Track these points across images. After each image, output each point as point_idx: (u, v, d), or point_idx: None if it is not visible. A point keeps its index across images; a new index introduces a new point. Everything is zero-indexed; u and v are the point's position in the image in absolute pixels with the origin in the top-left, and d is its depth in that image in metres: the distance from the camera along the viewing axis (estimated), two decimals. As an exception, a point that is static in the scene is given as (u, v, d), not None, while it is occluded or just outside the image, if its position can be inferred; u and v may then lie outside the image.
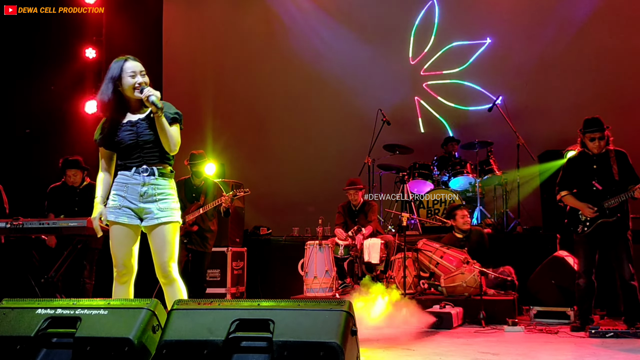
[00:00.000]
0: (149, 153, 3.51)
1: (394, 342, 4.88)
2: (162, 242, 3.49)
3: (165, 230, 3.49)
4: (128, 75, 3.50)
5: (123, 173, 3.54)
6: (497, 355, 4.20)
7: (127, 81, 3.50)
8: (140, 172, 3.49)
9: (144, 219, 3.51)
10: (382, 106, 8.80)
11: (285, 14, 10.26)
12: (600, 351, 4.34)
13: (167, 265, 3.49)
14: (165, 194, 3.54)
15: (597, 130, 5.25)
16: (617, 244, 5.22)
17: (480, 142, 8.19)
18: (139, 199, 3.49)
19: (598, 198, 5.24)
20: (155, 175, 3.51)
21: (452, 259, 6.42)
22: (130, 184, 3.50)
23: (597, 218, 5.20)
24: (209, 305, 2.88)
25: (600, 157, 5.31)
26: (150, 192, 3.49)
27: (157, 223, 3.49)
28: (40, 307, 2.97)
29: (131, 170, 3.50)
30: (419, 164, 8.42)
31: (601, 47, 8.94)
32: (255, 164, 9.88)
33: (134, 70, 3.51)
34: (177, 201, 3.62)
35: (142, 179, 3.49)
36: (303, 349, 2.61)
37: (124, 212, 3.50)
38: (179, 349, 2.73)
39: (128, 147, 3.50)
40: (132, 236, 3.52)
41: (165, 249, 3.49)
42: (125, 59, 3.56)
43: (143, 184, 3.49)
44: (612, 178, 5.24)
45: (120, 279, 3.55)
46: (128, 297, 3.55)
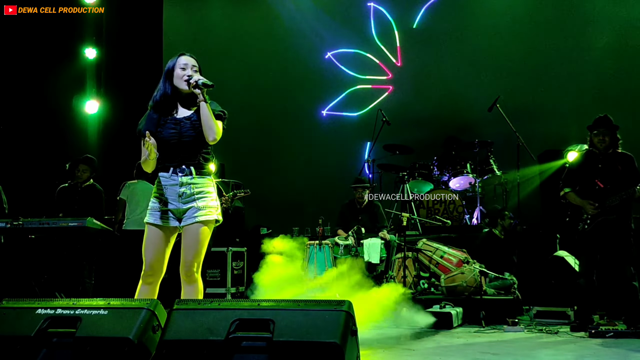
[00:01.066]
0: (189, 152, 3.51)
1: (394, 342, 4.88)
2: (192, 241, 3.46)
3: (198, 229, 3.46)
4: (180, 67, 3.55)
5: (162, 175, 3.53)
6: (497, 355, 4.20)
7: (177, 73, 3.54)
8: (177, 173, 3.49)
9: (182, 219, 3.50)
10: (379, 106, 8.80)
11: (286, 14, 10.26)
12: (600, 351, 4.34)
13: (191, 264, 3.46)
14: (203, 192, 3.52)
15: (602, 126, 5.29)
16: (618, 244, 5.22)
17: (480, 142, 8.19)
18: (178, 200, 3.48)
19: (600, 196, 5.24)
20: (193, 175, 3.50)
21: (452, 259, 6.42)
22: (168, 186, 3.50)
23: (598, 215, 5.20)
24: (209, 305, 2.88)
25: (607, 157, 5.33)
26: (188, 192, 3.48)
27: (193, 222, 3.46)
28: (40, 307, 2.97)
29: (169, 171, 3.50)
30: (419, 164, 8.43)
31: (601, 47, 8.95)
32: (256, 164, 9.88)
33: (186, 63, 3.56)
34: (216, 199, 3.59)
35: (180, 179, 3.48)
36: (303, 349, 2.62)
37: (163, 214, 3.49)
38: (179, 348, 2.73)
39: (168, 145, 3.49)
40: (165, 239, 3.51)
41: (193, 247, 3.46)
42: (181, 53, 3.62)
43: (181, 185, 3.48)
44: (616, 178, 5.25)
45: (146, 279, 3.51)
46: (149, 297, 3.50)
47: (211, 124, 3.47)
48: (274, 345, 2.65)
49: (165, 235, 3.50)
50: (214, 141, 3.51)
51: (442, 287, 6.28)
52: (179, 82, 3.53)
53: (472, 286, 6.09)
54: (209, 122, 3.47)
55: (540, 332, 5.32)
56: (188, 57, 3.61)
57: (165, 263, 3.54)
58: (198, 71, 3.60)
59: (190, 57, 3.62)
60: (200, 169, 3.53)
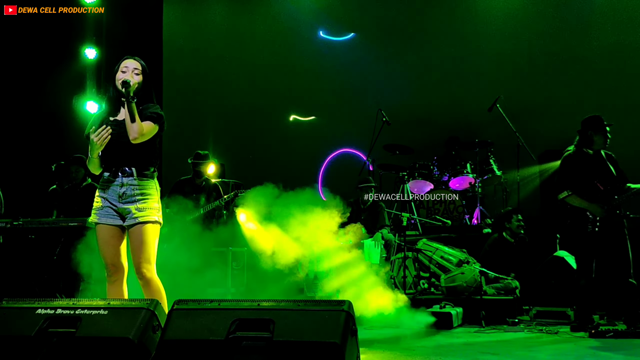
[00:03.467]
0: (130, 153, 3.54)
1: (394, 342, 4.88)
2: (138, 243, 3.51)
3: (141, 230, 3.51)
4: (120, 70, 3.59)
5: (104, 173, 3.59)
6: (497, 355, 4.20)
7: (117, 76, 3.58)
8: (119, 173, 3.53)
9: (125, 219, 3.55)
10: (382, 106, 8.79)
11: (286, 14, 10.26)
12: (600, 351, 4.34)
13: (140, 266, 3.51)
14: (145, 194, 3.56)
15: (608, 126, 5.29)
16: (617, 243, 5.22)
17: (480, 142, 8.19)
18: (118, 200, 3.53)
19: (602, 197, 5.24)
20: (134, 176, 3.54)
21: (452, 259, 6.42)
22: (111, 185, 3.54)
23: (606, 217, 5.20)
24: (209, 305, 2.88)
25: (598, 157, 5.32)
26: (129, 193, 3.53)
27: (134, 223, 3.51)
28: (40, 307, 2.98)
29: (111, 171, 3.56)
30: (419, 164, 8.42)
31: (602, 47, 8.95)
32: (256, 164, 9.88)
33: (127, 66, 3.59)
34: (157, 201, 3.63)
35: (121, 179, 3.53)
36: (303, 349, 2.62)
37: (107, 213, 3.55)
38: (179, 348, 2.73)
39: (110, 147, 3.51)
40: (117, 235, 3.57)
41: (140, 249, 3.51)
42: (126, 57, 3.65)
43: (121, 185, 3.53)
44: (611, 178, 5.26)
45: (110, 278, 3.58)
46: (122, 296, 3.57)
47: (131, 123, 3.47)
48: (273, 345, 2.65)
49: (116, 232, 3.55)
50: (134, 140, 3.50)
51: (442, 287, 6.28)
52: (117, 85, 3.57)
53: (472, 286, 6.09)
54: (129, 121, 3.47)
55: (540, 332, 5.31)
56: (131, 60, 3.63)
57: (125, 259, 3.60)
58: (140, 74, 3.61)
59: (134, 59, 3.64)
60: (142, 171, 3.57)
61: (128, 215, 3.52)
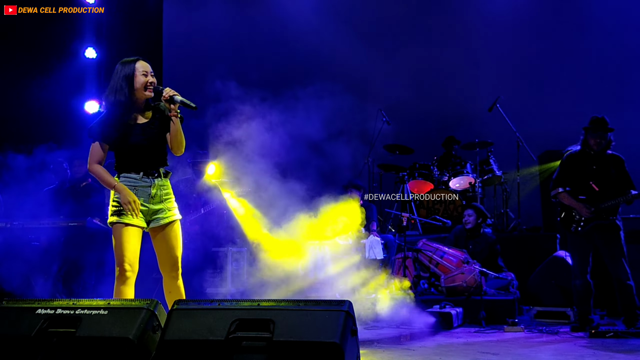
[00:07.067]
0: (156, 156, 3.65)
1: (394, 342, 4.88)
2: (174, 240, 3.66)
3: (176, 227, 3.66)
4: (141, 73, 3.59)
5: (129, 176, 3.59)
6: (497, 355, 4.20)
7: (139, 79, 3.58)
8: (149, 175, 3.60)
9: (152, 220, 3.61)
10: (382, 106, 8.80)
11: (286, 14, 10.25)
12: (600, 351, 4.34)
13: (177, 261, 3.66)
14: (169, 193, 3.70)
15: (600, 129, 5.24)
16: (611, 245, 5.20)
17: (480, 142, 8.19)
18: (149, 201, 3.59)
19: (595, 199, 5.23)
20: (162, 177, 3.65)
21: (452, 259, 6.42)
22: (139, 187, 3.58)
23: (592, 219, 5.19)
24: (209, 305, 2.88)
25: (600, 158, 5.30)
26: (159, 194, 3.62)
27: (169, 221, 3.63)
28: (40, 307, 2.98)
29: (139, 174, 3.59)
30: (419, 164, 8.42)
31: (601, 48, 8.95)
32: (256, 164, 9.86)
33: (146, 69, 3.62)
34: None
35: (151, 181, 3.61)
36: (303, 349, 2.61)
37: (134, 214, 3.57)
38: (179, 348, 2.73)
39: (138, 151, 3.59)
40: (139, 236, 3.61)
41: (176, 246, 3.67)
42: (136, 59, 3.65)
43: (153, 186, 3.60)
44: (609, 180, 5.24)
45: (122, 278, 3.54)
46: (132, 297, 3.54)
47: (181, 139, 3.64)
48: (273, 345, 2.65)
49: (139, 233, 3.60)
50: (179, 154, 3.69)
51: (442, 287, 6.28)
52: (140, 90, 3.59)
53: (472, 286, 6.09)
54: (179, 138, 3.64)
55: (540, 332, 5.32)
56: (144, 62, 3.66)
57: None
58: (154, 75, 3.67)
59: (145, 61, 3.68)
60: (165, 172, 3.70)
61: (159, 215, 3.61)
